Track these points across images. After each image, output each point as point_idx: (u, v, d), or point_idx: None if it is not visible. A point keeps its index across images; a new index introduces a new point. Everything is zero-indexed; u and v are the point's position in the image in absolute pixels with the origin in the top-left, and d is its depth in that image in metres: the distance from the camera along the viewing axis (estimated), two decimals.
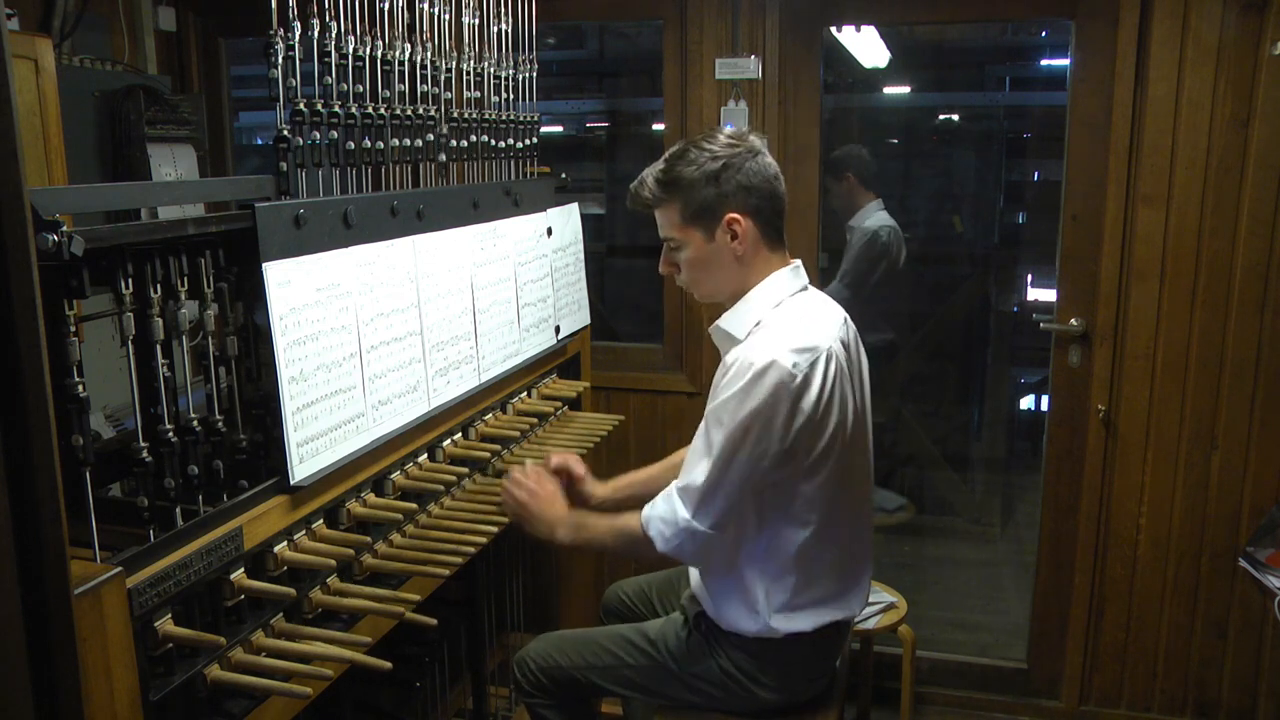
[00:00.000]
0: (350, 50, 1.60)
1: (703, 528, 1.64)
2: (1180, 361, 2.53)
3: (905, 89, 4.66)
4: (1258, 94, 2.36)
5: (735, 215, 1.69)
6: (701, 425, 1.68)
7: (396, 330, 1.66)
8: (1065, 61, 2.68)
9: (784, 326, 1.67)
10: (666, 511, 1.68)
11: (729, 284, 1.75)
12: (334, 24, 1.55)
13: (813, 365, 1.61)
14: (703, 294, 1.81)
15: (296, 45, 1.48)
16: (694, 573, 1.84)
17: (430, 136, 1.84)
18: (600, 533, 1.80)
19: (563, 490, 1.91)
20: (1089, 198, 2.58)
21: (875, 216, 3.55)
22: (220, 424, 1.37)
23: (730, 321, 1.75)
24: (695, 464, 1.66)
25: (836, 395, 1.64)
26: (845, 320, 1.79)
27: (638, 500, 1.99)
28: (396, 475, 1.68)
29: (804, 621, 1.73)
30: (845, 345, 1.72)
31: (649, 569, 2.17)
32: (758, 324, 1.71)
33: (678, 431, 2.83)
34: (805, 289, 1.78)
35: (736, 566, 1.74)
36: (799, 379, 1.59)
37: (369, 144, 1.66)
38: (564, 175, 2.40)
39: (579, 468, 1.98)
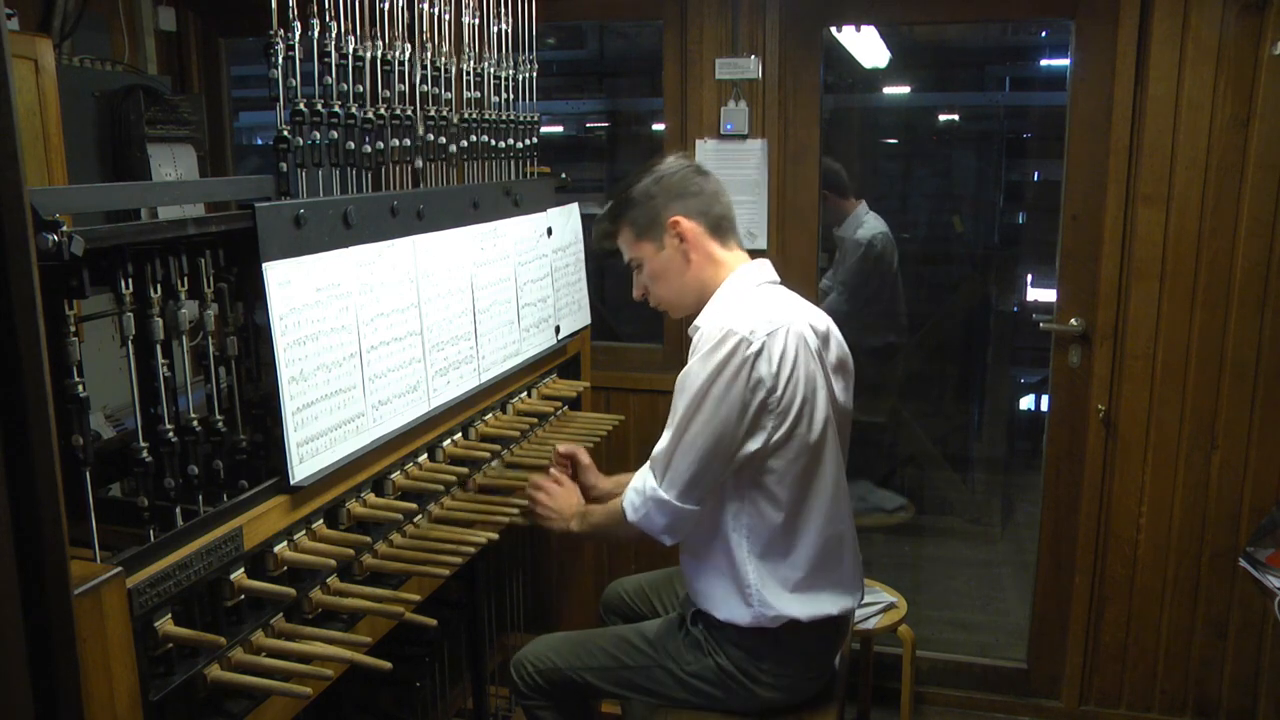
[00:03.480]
0: (350, 50, 1.60)
1: (668, 496, 1.68)
2: (1180, 361, 2.53)
3: (905, 89, 4.66)
4: (1258, 94, 2.36)
5: (676, 217, 1.78)
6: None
7: (396, 330, 1.66)
8: (1065, 61, 2.68)
9: (748, 305, 1.73)
10: (638, 482, 1.75)
11: (691, 288, 1.82)
12: (334, 24, 1.55)
13: (771, 334, 1.65)
14: (670, 305, 1.88)
15: (296, 45, 1.48)
16: (689, 569, 1.85)
17: (431, 136, 1.84)
18: (598, 515, 1.86)
19: (568, 476, 2.00)
20: (1089, 198, 2.58)
21: (866, 223, 3.50)
22: (220, 424, 1.37)
23: (703, 319, 1.79)
24: (663, 434, 1.71)
25: (801, 371, 1.67)
26: (826, 321, 1.81)
27: None
28: (396, 475, 1.68)
29: (796, 608, 1.74)
30: (819, 334, 1.76)
31: (649, 566, 2.17)
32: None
33: None
34: (776, 283, 1.82)
35: (722, 545, 1.76)
36: (755, 345, 1.63)
37: (369, 144, 1.66)
38: (564, 175, 2.40)
39: (585, 457, 2.04)
